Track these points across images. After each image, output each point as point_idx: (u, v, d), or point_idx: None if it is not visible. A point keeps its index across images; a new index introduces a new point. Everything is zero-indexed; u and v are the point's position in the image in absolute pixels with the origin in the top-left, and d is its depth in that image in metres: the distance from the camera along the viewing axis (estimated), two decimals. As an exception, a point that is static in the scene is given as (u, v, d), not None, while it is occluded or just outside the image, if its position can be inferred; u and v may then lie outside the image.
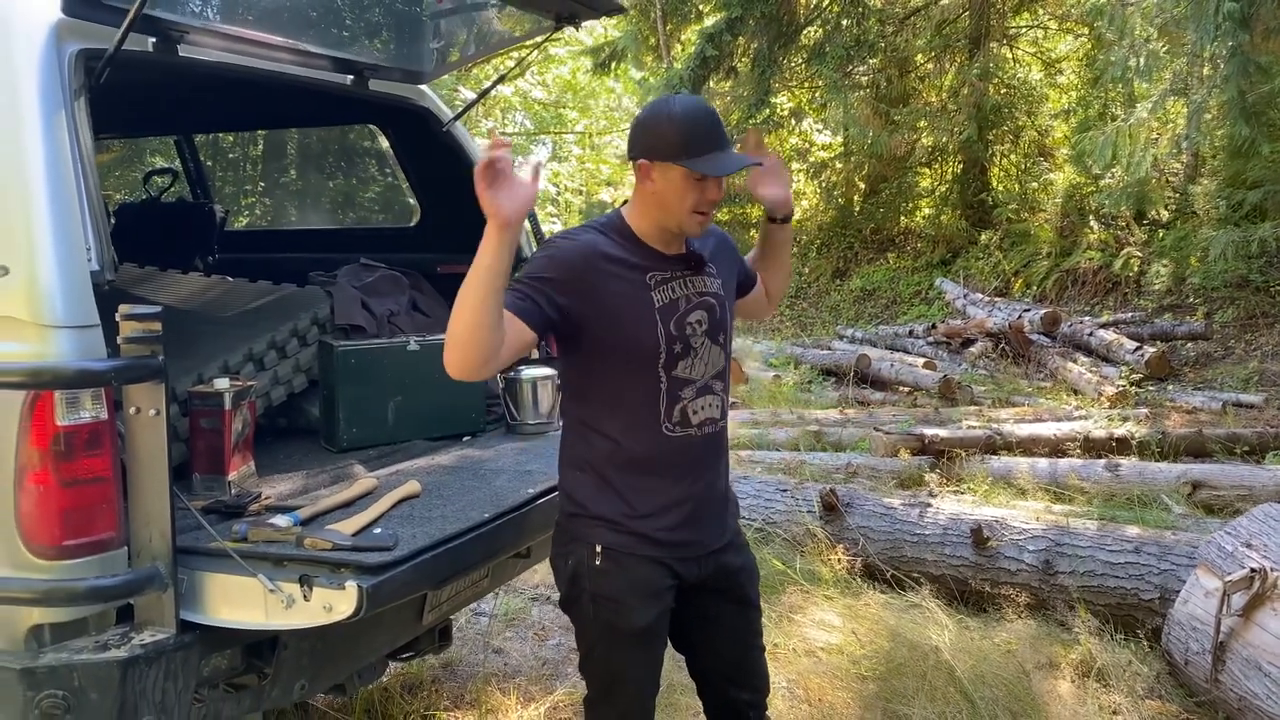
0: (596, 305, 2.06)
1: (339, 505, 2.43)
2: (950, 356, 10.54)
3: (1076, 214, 12.86)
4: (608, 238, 2.15)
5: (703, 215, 2.10)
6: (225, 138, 5.35)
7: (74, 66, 2.24)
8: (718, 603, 2.30)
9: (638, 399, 2.13)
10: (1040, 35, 15.70)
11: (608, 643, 2.19)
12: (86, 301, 2.06)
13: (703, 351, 2.17)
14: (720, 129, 2.09)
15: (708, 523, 2.24)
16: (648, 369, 2.11)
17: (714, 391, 2.20)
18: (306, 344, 3.17)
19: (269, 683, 2.27)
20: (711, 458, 2.23)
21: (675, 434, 2.15)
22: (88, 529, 2.05)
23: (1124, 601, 4.01)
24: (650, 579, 2.16)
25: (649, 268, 2.14)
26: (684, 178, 2.06)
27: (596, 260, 2.09)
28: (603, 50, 18.15)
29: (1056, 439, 6.44)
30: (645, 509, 2.15)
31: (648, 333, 2.10)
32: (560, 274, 2.05)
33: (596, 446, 2.16)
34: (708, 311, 2.19)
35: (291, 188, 5.73)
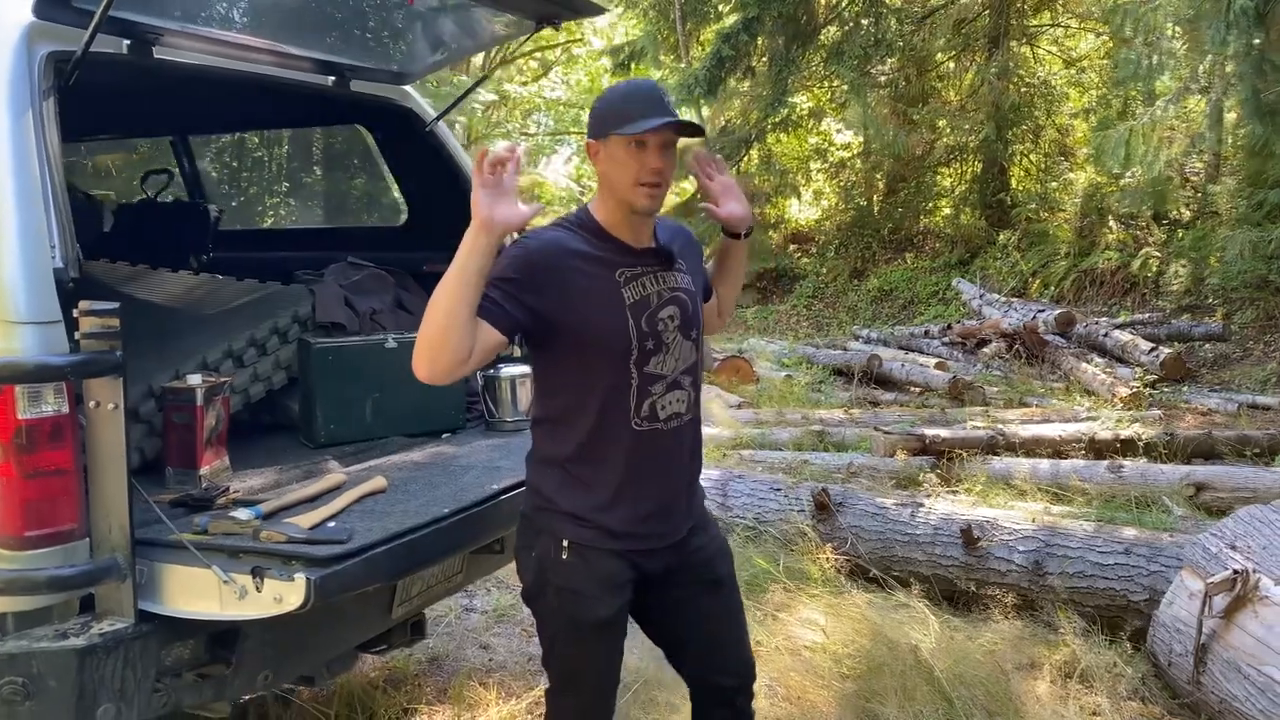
0: (565, 303, 2.06)
1: (303, 500, 2.46)
2: (965, 357, 10.48)
3: (1096, 214, 12.76)
4: (575, 233, 2.14)
5: (649, 187, 2.06)
6: (219, 139, 5.42)
7: (44, 68, 2.28)
8: (686, 586, 2.30)
9: (607, 395, 2.13)
10: (1061, 34, 15.56)
11: (569, 635, 2.21)
12: (49, 298, 2.10)
13: (674, 347, 2.17)
14: (659, 99, 2.07)
15: (673, 515, 2.25)
16: (619, 365, 2.11)
17: (682, 386, 2.20)
18: (287, 341, 3.22)
19: (231, 673, 2.31)
20: (678, 451, 2.24)
21: (643, 428, 2.15)
22: (50, 520, 2.09)
23: (1113, 603, 3.99)
24: (613, 572, 2.18)
25: (618, 263, 2.13)
26: (623, 149, 2.05)
27: (564, 257, 2.08)
28: (622, 50, 18.21)
29: (1061, 440, 6.40)
30: (611, 503, 2.16)
31: (619, 330, 2.10)
32: (526, 274, 2.04)
33: (565, 441, 2.17)
34: (679, 307, 2.19)
35: (284, 188, 5.80)
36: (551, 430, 2.20)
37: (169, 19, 2.60)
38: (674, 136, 2.09)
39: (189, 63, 2.78)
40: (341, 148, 5.51)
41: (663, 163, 2.06)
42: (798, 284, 16.49)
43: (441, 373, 1.97)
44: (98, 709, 2.08)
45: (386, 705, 3.44)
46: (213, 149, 5.47)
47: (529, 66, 25.17)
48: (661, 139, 2.06)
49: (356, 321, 3.40)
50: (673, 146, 2.10)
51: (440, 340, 1.92)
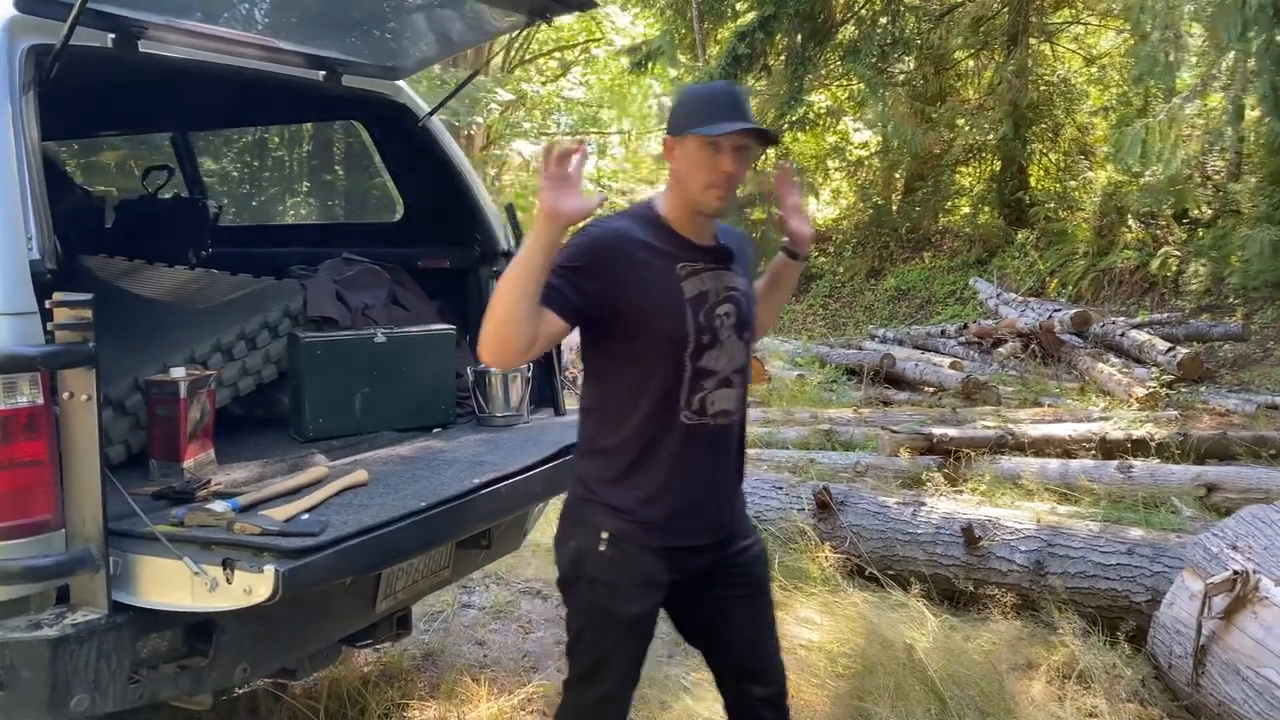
0: (626, 292, 2.08)
1: (283, 493, 2.46)
2: (981, 357, 10.41)
3: (1115, 213, 12.62)
4: (639, 225, 2.17)
5: (718, 189, 2.09)
6: (219, 136, 5.45)
7: (25, 62, 2.29)
8: (727, 587, 2.29)
9: (660, 386, 2.14)
10: (1081, 31, 15.41)
11: (599, 627, 2.21)
12: (24, 289, 2.11)
13: (728, 344, 2.17)
14: (739, 104, 2.10)
15: (717, 513, 2.24)
16: (674, 357, 2.12)
17: (733, 385, 2.20)
18: (278, 335, 3.22)
19: (208, 665, 2.31)
20: (724, 448, 2.23)
21: (691, 423, 2.15)
22: (24, 511, 2.10)
23: (1114, 604, 3.93)
24: (650, 570, 2.18)
25: (680, 257, 2.15)
26: (698, 149, 2.07)
27: (627, 246, 2.11)
28: (640, 49, 18.18)
29: (1071, 440, 6.33)
30: (655, 496, 2.16)
31: (678, 321, 2.11)
32: (589, 261, 2.07)
33: (613, 431, 2.18)
34: (735, 305, 2.19)
35: (283, 185, 5.83)
36: (600, 420, 2.22)
37: (154, 12, 2.61)
38: (749, 142, 2.11)
39: (178, 57, 2.79)
40: (339, 144, 5.54)
41: (735, 167, 2.09)
42: (814, 283, 16.41)
43: (506, 358, 2.03)
44: (71, 699, 2.09)
45: (378, 700, 3.44)
46: (213, 145, 5.49)
47: (548, 66, 25.23)
48: (736, 143, 2.08)
49: (349, 316, 3.39)
50: (746, 152, 2.11)
51: (505, 327, 1.96)
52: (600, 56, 24.19)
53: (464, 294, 3.72)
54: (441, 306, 3.73)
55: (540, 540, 5.12)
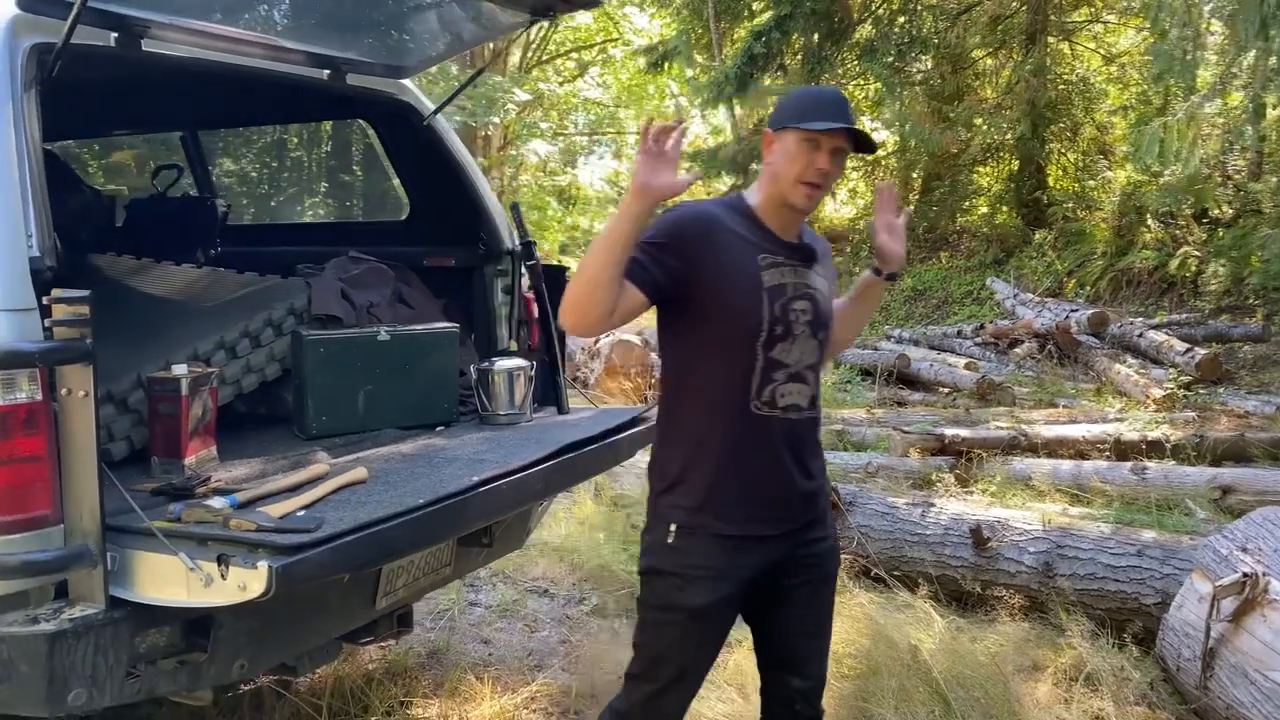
0: (706, 273, 2.12)
1: (282, 489, 2.47)
2: (997, 358, 10.34)
3: (1134, 213, 12.51)
4: (727, 212, 2.20)
5: (810, 186, 2.12)
6: (228, 135, 5.48)
7: (27, 60, 2.31)
8: (794, 575, 2.29)
9: (731, 372, 2.16)
10: (1100, 30, 15.29)
11: (660, 618, 2.23)
12: (24, 286, 2.13)
13: (801, 340, 2.19)
14: (842, 107, 2.12)
15: (788, 505, 2.24)
16: (748, 344, 2.15)
17: (805, 381, 2.22)
18: (282, 333, 3.23)
19: (206, 661, 2.32)
20: (796, 442, 2.23)
21: (761, 413, 2.17)
22: (23, 506, 2.11)
23: (1124, 606, 3.90)
24: (719, 560, 2.18)
25: (762, 248, 2.18)
26: (796, 143, 2.10)
27: (713, 228, 2.15)
28: (656, 49, 18.17)
29: (1085, 441, 6.27)
30: (724, 484, 2.18)
31: (753, 308, 2.14)
32: (674, 239, 2.11)
33: (688, 419, 2.22)
34: (812, 304, 2.21)
35: (292, 184, 5.86)
36: (673, 405, 2.26)
37: (156, 11, 2.62)
38: (846, 145, 2.13)
39: (182, 56, 2.81)
40: (347, 143, 5.56)
41: (830, 166, 2.12)
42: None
43: (585, 325, 2.09)
44: (69, 693, 2.11)
45: (381, 697, 3.44)
46: (223, 145, 5.53)
47: (565, 67, 25.26)
48: (834, 144, 2.11)
49: (353, 315, 3.40)
50: (842, 155, 2.14)
51: (587, 296, 2.03)
52: (618, 57, 24.21)
53: (469, 292, 3.73)
54: (447, 305, 3.74)
55: (547, 539, 5.14)
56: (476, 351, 3.66)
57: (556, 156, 22.62)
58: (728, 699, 3.37)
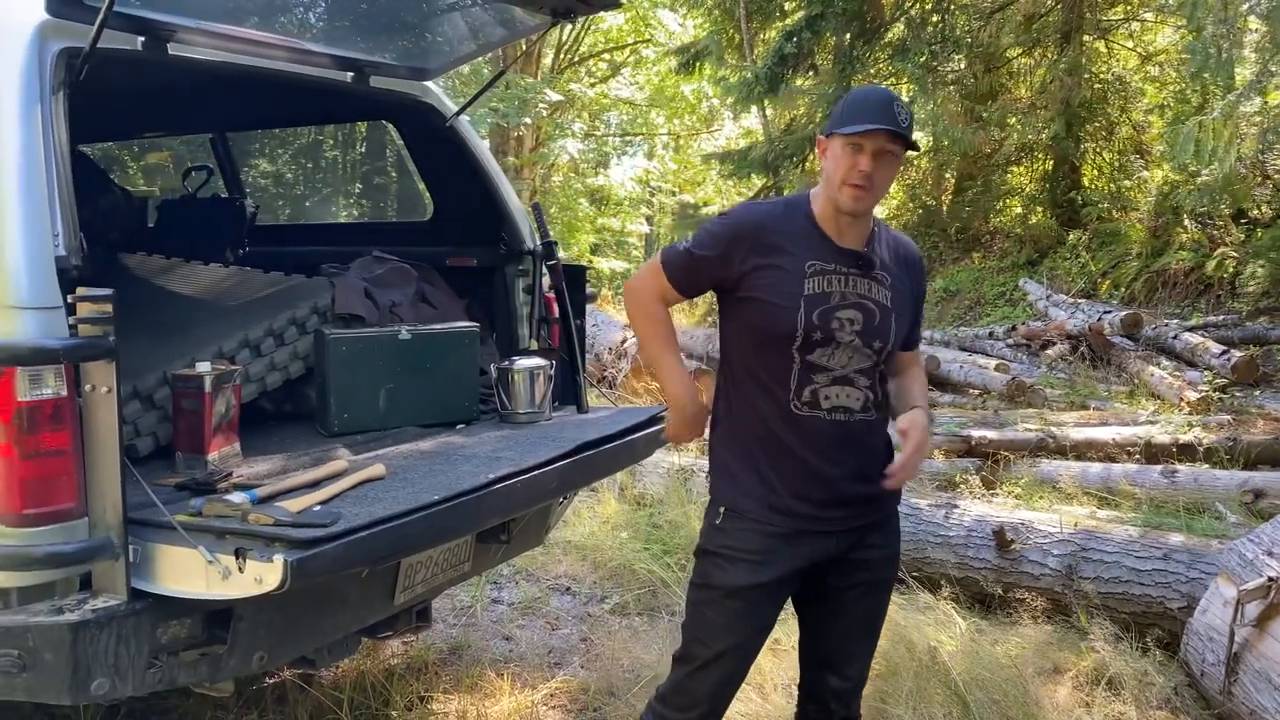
0: (751, 280, 2.22)
1: (301, 485, 2.50)
2: (1029, 359, 10.23)
3: (1170, 213, 12.33)
4: (787, 215, 2.27)
5: (854, 188, 2.14)
6: (256, 137, 5.56)
7: (55, 64, 2.36)
8: (846, 576, 2.33)
9: (771, 373, 2.23)
10: (1137, 28, 15.09)
11: (700, 595, 2.30)
12: (50, 284, 2.18)
13: (847, 347, 2.21)
14: (886, 108, 2.13)
15: (837, 505, 2.25)
16: (783, 348, 2.20)
17: (855, 385, 2.23)
18: (306, 332, 3.28)
19: (226, 653, 2.36)
20: (844, 443, 2.23)
21: (803, 413, 2.21)
22: (48, 499, 2.16)
23: (1148, 610, 3.86)
24: (763, 547, 2.23)
25: (812, 256, 2.21)
26: (841, 147, 2.15)
27: (762, 235, 2.23)
28: (687, 50, 18.17)
29: (1115, 444, 6.21)
30: (767, 477, 2.24)
31: (788, 316, 2.18)
32: (719, 253, 2.25)
33: (736, 412, 2.30)
34: (863, 314, 2.21)
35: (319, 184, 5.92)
36: (727, 396, 2.33)
37: (182, 15, 2.67)
38: (890, 146, 2.14)
39: (208, 59, 2.86)
40: (372, 145, 5.62)
41: (872, 167, 2.13)
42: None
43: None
44: (92, 682, 2.15)
45: (402, 692, 3.49)
46: (252, 147, 5.61)
47: (598, 68, 25.30)
48: (876, 145, 2.13)
49: (376, 314, 3.44)
50: (889, 156, 2.15)
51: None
52: (650, 57, 24.19)
53: (490, 292, 3.77)
54: (469, 304, 3.78)
55: (570, 538, 5.17)
56: (497, 350, 3.69)
57: (589, 157, 22.66)
58: (746, 698, 3.38)
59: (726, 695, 2.33)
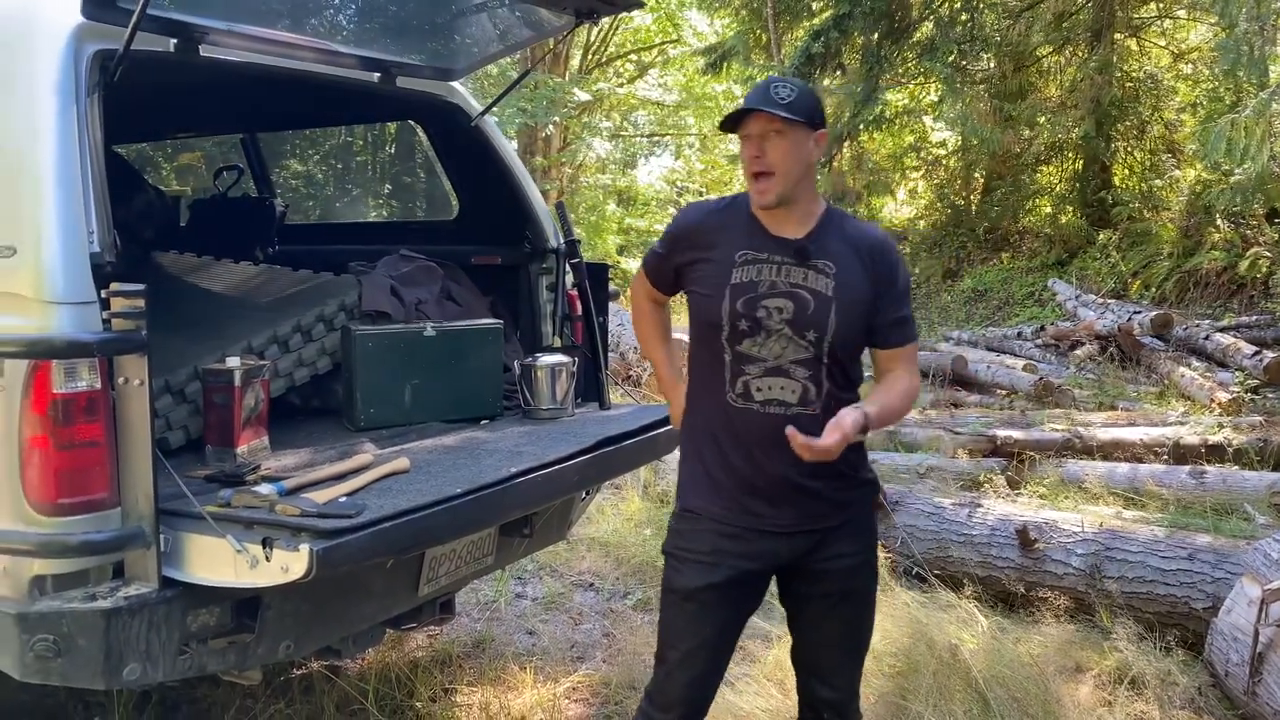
0: (689, 272, 2.29)
1: (328, 478, 2.55)
2: (1057, 360, 10.15)
3: (1203, 212, 12.19)
4: (730, 210, 2.29)
5: (755, 177, 2.14)
6: (286, 137, 5.64)
7: (90, 66, 2.42)
8: (815, 586, 2.30)
9: (710, 366, 2.25)
10: (1169, 25, 14.93)
11: (664, 599, 2.34)
12: (85, 280, 2.24)
13: (778, 337, 2.15)
14: (761, 91, 2.11)
15: (786, 504, 2.21)
16: (714, 339, 2.22)
17: (791, 377, 2.16)
18: (333, 328, 3.34)
19: (254, 641, 2.41)
20: (782, 440, 2.07)
21: (737, 405, 2.20)
22: (82, 489, 2.23)
23: (1173, 610, 3.84)
24: (713, 547, 2.23)
25: (743, 247, 2.21)
26: (741, 147, 2.19)
27: (702, 231, 2.29)
28: (714, 50, 18.17)
29: (1143, 444, 6.16)
30: (710, 473, 2.26)
31: (714, 306, 2.20)
32: (670, 249, 2.35)
33: (690, 408, 2.35)
34: (795, 303, 2.15)
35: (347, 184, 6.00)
36: (688, 394, 2.38)
37: (213, 18, 2.73)
38: (770, 125, 2.09)
39: (239, 61, 2.91)
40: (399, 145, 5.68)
41: (763, 152, 2.11)
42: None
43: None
44: (124, 667, 2.21)
45: (426, 684, 3.53)
46: (282, 147, 5.69)
47: (625, 68, 25.35)
48: (758, 129, 2.11)
49: (402, 311, 3.49)
50: (776, 135, 2.09)
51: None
52: (677, 57, 24.21)
53: (514, 290, 3.81)
54: (493, 302, 3.82)
55: (594, 534, 5.20)
56: (521, 347, 3.73)
57: (615, 157, 22.72)
58: (766, 694, 3.40)
59: (703, 693, 2.32)
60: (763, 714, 3.30)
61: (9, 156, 2.32)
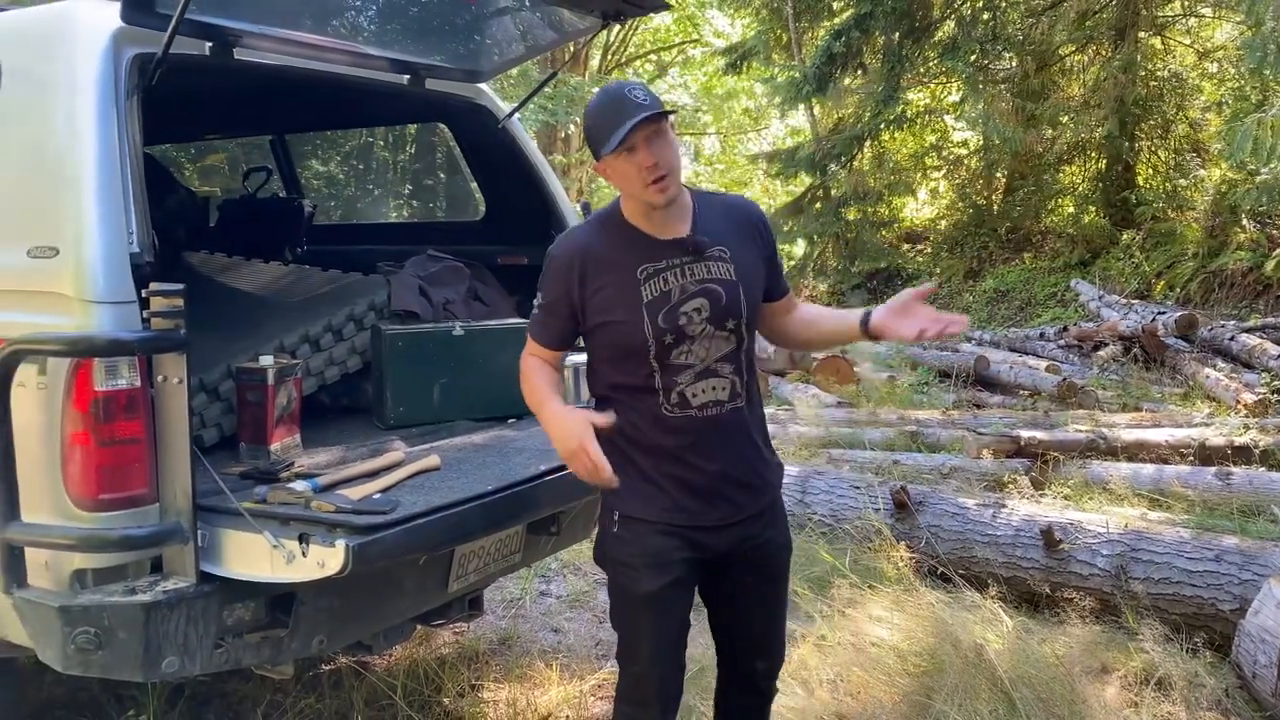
0: (591, 305, 2.23)
1: (360, 475, 2.60)
2: (1080, 360, 10.11)
3: (1228, 212, 12.10)
4: (603, 231, 2.28)
5: (656, 184, 2.13)
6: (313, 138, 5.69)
7: (130, 69, 2.47)
8: (746, 575, 2.39)
9: (636, 383, 2.25)
10: (1194, 24, 14.81)
11: (621, 605, 2.36)
12: (125, 279, 2.28)
13: (703, 339, 2.21)
14: (625, 98, 2.10)
15: (720, 498, 2.29)
16: (640, 359, 2.22)
17: (719, 374, 2.24)
18: (363, 328, 3.38)
19: (288, 636, 2.45)
20: (720, 437, 2.27)
21: (675, 414, 2.23)
22: (122, 485, 2.27)
23: (1200, 611, 3.83)
24: (660, 548, 2.26)
25: (640, 261, 2.22)
26: (621, 161, 2.13)
27: (586, 264, 2.23)
28: (735, 50, 18.18)
29: (1168, 445, 6.13)
30: (651, 482, 2.27)
31: (634, 329, 2.19)
32: (556, 294, 2.28)
33: (615, 419, 2.27)
34: (708, 299, 2.21)
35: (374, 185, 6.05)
36: (602, 408, 2.32)
37: (247, 21, 2.77)
38: (650, 127, 2.10)
39: (270, 63, 2.96)
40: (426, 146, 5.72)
41: (657, 155, 2.12)
42: (910, 284, 16.08)
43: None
44: (163, 660, 2.26)
45: (453, 680, 3.57)
46: (309, 148, 5.74)
47: (644, 69, 25.39)
48: (644, 135, 2.10)
49: (431, 311, 3.53)
50: (657, 135, 2.12)
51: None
52: (697, 57, 24.25)
53: (541, 290, 3.83)
54: (520, 302, 3.85)
55: (618, 533, 5.22)
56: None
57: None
58: (790, 693, 3.41)
59: (677, 685, 2.40)
60: (790, 713, 3.32)
61: (51, 159, 2.37)
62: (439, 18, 3.34)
